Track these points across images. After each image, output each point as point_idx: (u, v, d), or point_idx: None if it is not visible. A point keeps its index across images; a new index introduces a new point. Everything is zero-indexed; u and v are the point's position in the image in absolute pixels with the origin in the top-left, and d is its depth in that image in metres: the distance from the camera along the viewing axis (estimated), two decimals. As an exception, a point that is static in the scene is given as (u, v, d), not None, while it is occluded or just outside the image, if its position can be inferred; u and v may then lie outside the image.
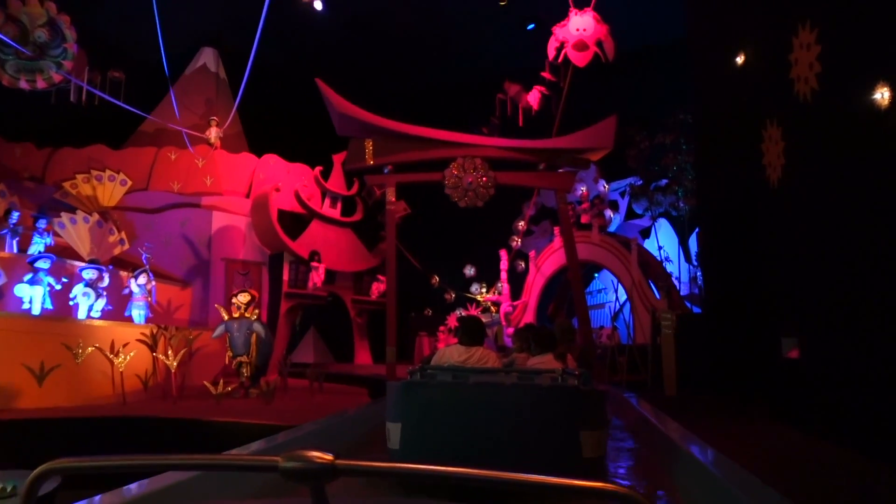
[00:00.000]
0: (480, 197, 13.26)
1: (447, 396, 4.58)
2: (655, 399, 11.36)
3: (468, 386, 4.66)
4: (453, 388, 4.67)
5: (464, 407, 4.49)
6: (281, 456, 1.19)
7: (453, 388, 4.68)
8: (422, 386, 4.76)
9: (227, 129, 21.39)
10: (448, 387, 4.71)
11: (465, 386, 4.66)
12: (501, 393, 4.58)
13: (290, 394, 13.38)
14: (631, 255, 17.25)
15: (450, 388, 4.68)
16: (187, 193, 18.76)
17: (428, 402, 4.61)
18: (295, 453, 1.19)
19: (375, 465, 1.24)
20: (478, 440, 4.35)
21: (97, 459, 1.28)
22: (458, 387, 4.67)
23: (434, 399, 4.60)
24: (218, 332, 12.47)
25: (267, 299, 18.86)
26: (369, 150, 13.18)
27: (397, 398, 4.76)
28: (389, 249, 13.60)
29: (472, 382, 4.70)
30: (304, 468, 1.17)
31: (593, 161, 14.17)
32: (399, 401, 4.73)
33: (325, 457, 1.17)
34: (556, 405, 4.53)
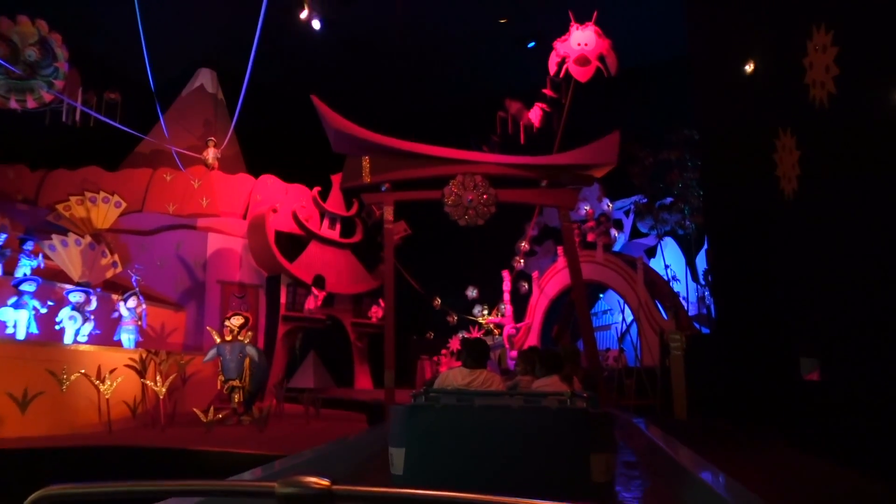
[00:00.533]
0: (481, 215, 12.85)
1: (452, 420, 4.52)
2: (665, 423, 10.92)
3: (474, 409, 4.58)
4: (459, 412, 4.59)
5: (470, 431, 4.44)
6: (277, 482, 1.19)
7: (459, 411, 4.60)
8: (426, 409, 4.64)
9: (224, 150, 21.12)
10: (453, 410, 4.62)
11: (471, 409, 4.58)
12: (509, 416, 4.50)
13: (286, 420, 12.90)
14: (637, 275, 16.81)
15: (455, 412, 4.60)
16: (183, 215, 18.41)
17: (433, 427, 4.53)
18: (291, 479, 1.18)
19: (374, 490, 1.23)
20: (485, 464, 4.29)
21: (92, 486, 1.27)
22: (464, 410, 4.59)
23: (439, 423, 4.53)
24: (210, 355, 12.02)
25: (264, 323, 18.43)
26: (366, 168, 12.81)
27: (401, 422, 4.66)
28: (387, 270, 13.18)
29: (479, 405, 4.62)
30: (300, 493, 1.17)
31: (597, 178, 13.78)
32: (403, 425, 4.63)
33: (322, 482, 1.17)
34: (565, 428, 4.47)
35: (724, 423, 11.07)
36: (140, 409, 12.05)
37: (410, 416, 4.63)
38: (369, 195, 13.14)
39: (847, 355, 6.62)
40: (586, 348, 12.95)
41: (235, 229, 18.53)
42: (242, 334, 12.19)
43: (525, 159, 13.55)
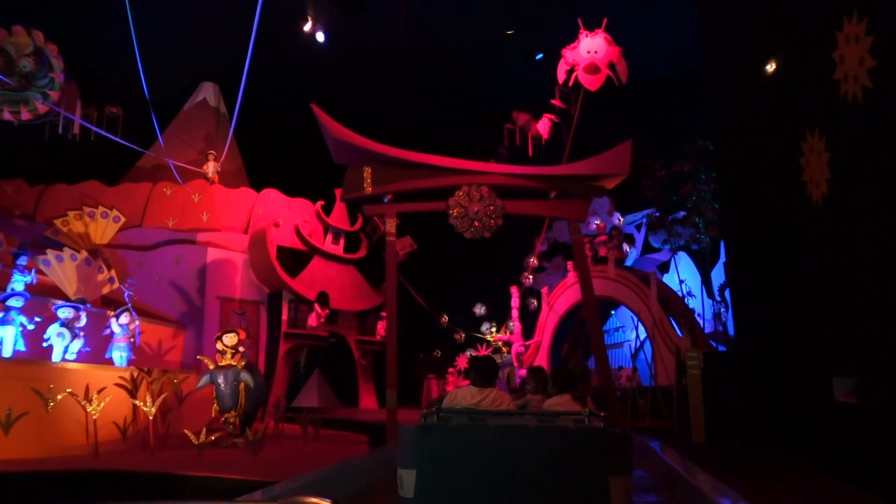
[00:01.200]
0: (487, 227, 12.31)
1: (466, 441, 4.39)
2: (681, 446, 10.30)
3: (489, 429, 4.43)
4: (473, 432, 4.44)
5: (484, 452, 4.31)
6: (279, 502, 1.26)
7: (473, 431, 4.46)
8: (438, 430, 4.50)
9: (227, 164, 20.75)
10: (467, 430, 4.48)
11: (486, 429, 4.43)
12: (525, 436, 4.35)
13: (283, 442, 12.32)
14: (650, 291, 16.20)
15: (469, 432, 4.45)
16: (182, 230, 17.97)
17: (445, 447, 4.40)
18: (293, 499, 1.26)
19: None
20: (499, 487, 4.19)
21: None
22: (478, 430, 4.44)
23: (452, 443, 4.39)
24: (202, 383, 11.45)
25: (265, 340, 17.92)
26: (367, 179, 12.31)
27: (411, 443, 4.53)
28: (390, 284, 12.63)
29: (493, 425, 4.47)
30: None
31: (608, 189, 13.22)
32: (413, 446, 4.50)
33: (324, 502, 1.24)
34: (583, 449, 4.32)
35: (746, 448, 10.43)
36: (131, 431, 11.51)
37: (421, 437, 4.48)
38: (371, 207, 12.63)
39: (889, 374, 6.01)
40: (598, 367, 12.34)
41: (236, 244, 18.07)
42: (236, 359, 11.62)
43: (533, 169, 13.03)
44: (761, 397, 10.45)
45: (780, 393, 9.72)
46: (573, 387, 5.87)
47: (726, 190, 12.08)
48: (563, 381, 5.84)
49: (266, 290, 18.15)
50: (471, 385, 5.45)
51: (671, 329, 15.63)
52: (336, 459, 9.75)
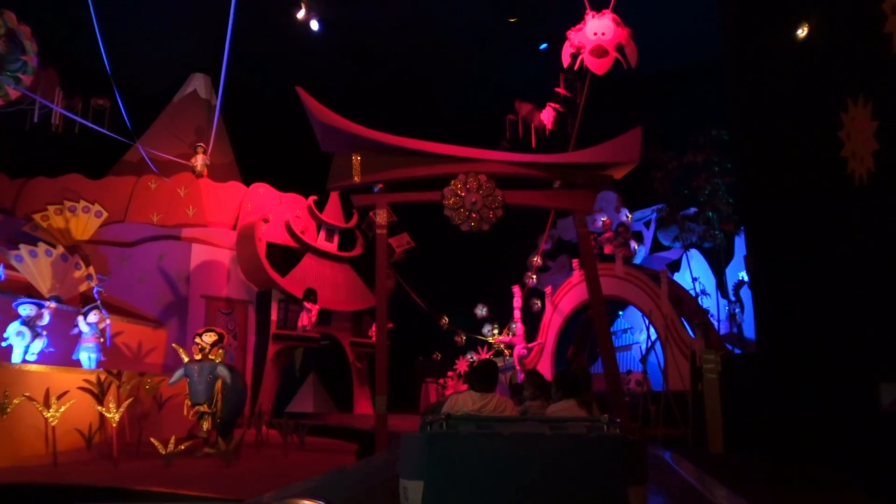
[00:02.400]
0: (486, 219, 11.37)
1: (479, 449, 4.15)
2: (698, 458, 9.39)
3: (504, 437, 4.20)
4: (486, 440, 4.21)
5: (498, 461, 4.08)
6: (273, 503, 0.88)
7: (486, 439, 4.22)
8: (449, 438, 4.25)
9: (218, 158, 19.90)
10: (480, 439, 4.25)
11: (501, 437, 4.21)
12: (542, 445, 4.14)
13: (265, 451, 11.37)
14: (661, 290, 15.22)
15: (482, 440, 4.22)
16: (168, 225, 17.07)
17: (456, 457, 4.16)
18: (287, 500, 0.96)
19: None
20: (514, 499, 3.99)
21: None
22: (493, 439, 4.22)
23: (463, 453, 4.15)
24: (176, 377, 10.53)
25: (253, 341, 17.00)
26: (356, 167, 11.40)
27: (418, 452, 4.27)
28: (379, 280, 11.69)
29: (509, 434, 4.23)
30: None
31: (616, 178, 12.27)
32: (421, 455, 4.23)
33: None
34: (604, 458, 4.13)
35: (770, 461, 9.47)
36: (98, 439, 10.57)
37: (430, 445, 4.22)
38: (360, 197, 11.71)
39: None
40: (607, 370, 11.38)
41: (224, 240, 17.16)
42: (214, 352, 10.69)
43: (536, 157, 12.13)
44: (788, 404, 9.51)
45: (813, 399, 8.82)
46: (578, 391, 5.56)
47: (746, 177, 11.13)
48: (567, 386, 5.53)
49: (255, 289, 17.24)
50: (471, 390, 5.23)
51: (683, 330, 14.64)
52: (319, 471, 8.90)
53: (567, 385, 5.55)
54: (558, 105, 16.15)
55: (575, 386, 5.57)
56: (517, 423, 4.72)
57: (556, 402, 5.53)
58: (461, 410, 5.10)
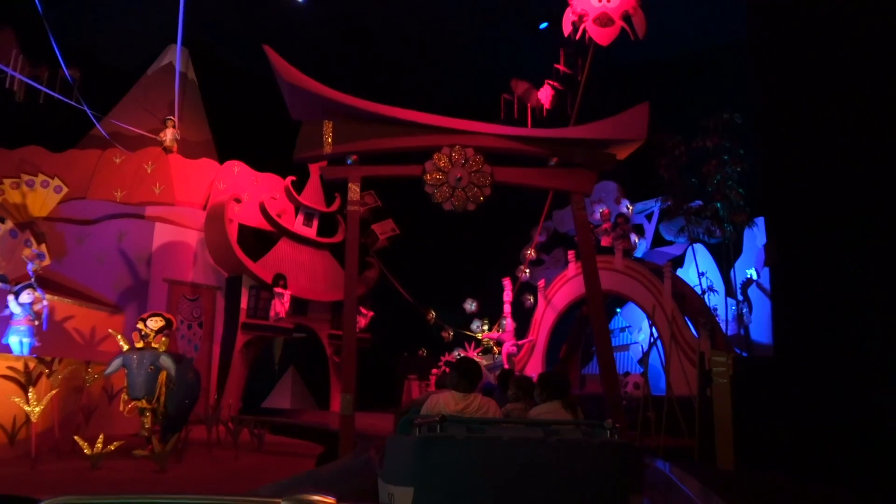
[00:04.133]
0: (472, 198, 10.08)
1: (477, 455, 3.88)
2: (704, 474, 8.17)
3: (503, 442, 3.94)
4: (485, 445, 3.93)
5: (497, 468, 3.85)
6: (283, 498, 1.23)
7: (485, 444, 3.94)
8: (444, 442, 3.94)
9: (193, 135, 18.66)
10: (478, 443, 3.95)
11: (500, 442, 3.95)
12: (545, 451, 3.91)
13: (217, 454, 10.09)
14: (664, 285, 13.96)
15: (481, 445, 3.93)
16: (132, 203, 15.77)
17: (451, 463, 3.86)
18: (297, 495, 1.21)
19: None
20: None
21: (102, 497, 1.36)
22: (491, 444, 3.94)
23: (460, 458, 3.87)
24: (112, 367, 9.20)
25: (221, 331, 15.71)
26: (328, 135, 10.10)
27: (408, 456, 4.04)
28: (349, 263, 10.37)
29: (509, 438, 3.99)
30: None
31: (619, 159, 10.98)
32: (412, 460, 3.99)
33: (328, 499, 1.22)
34: (609, 465, 3.98)
35: (789, 480, 8.23)
36: (23, 434, 9.27)
37: (423, 450, 3.98)
38: (330, 169, 10.41)
39: None
40: (603, 372, 10.12)
41: (192, 221, 15.87)
42: (157, 340, 9.37)
43: (532, 132, 10.88)
44: (811, 415, 8.28)
45: (839, 411, 7.64)
46: (564, 393, 5.24)
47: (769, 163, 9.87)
48: (552, 387, 5.24)
49: (224, 274, 15.95)
50: (453, 390, 4.97)
51: (687, 330, 13.39)
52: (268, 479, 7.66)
53: (552, 386, 5.26)
54: (557, 83, 14.92)
55: (560, 387, 5.27)
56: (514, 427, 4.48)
57: (541, 405, 5.22)
58: (442, 411, 4.75)
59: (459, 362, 5.35)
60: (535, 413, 5.16)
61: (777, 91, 9.63)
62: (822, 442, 8.07)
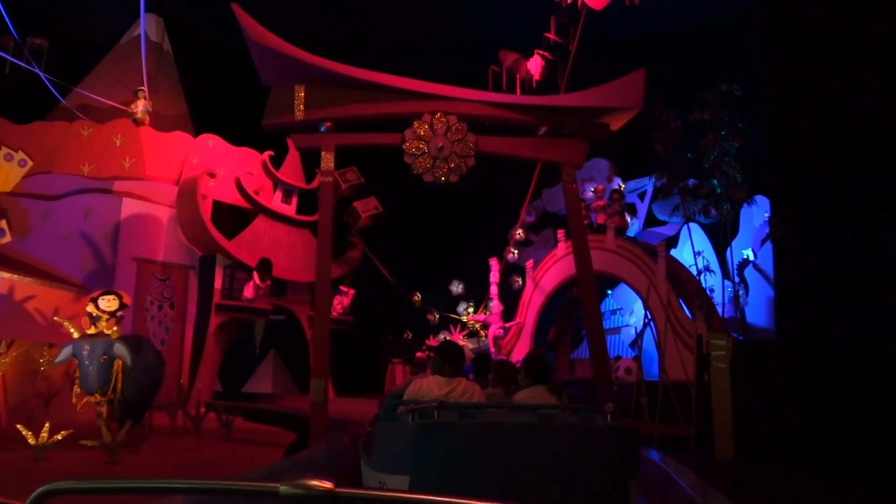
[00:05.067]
0: (455, 170, 9.37)
1: (477, 442, 3.72)
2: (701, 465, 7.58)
3: (506, 427, 3.80)
4: (485, 432, 3.76)
5: (497, 455, 3.69)
6: (281, 482, 1.19)
7: (485, 431, 3.77)
8: (443, 429, 3.74)
9: (169, 109, 17.84)
10: (479, 429, 3.76)
11: (502, 427, 3.80)
12: (546, 436, 3.78)
13: (179, 442, 9.41)
14: (658, 266, 13.33)
15: (481, 432, 3.75)
16: (100, 178, 14.96)
17: (450, 450, 3.72)
18: (295, 480, 1.18)
19: (378, 493, 1.23)
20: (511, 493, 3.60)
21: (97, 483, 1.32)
22: (492, 430, 3.78)
23: (459, 446, 3.71)
24: (62, 356, 8.40)
25: (194, 312, 14.98)
26: (300, 101, 9.35)
27: (404, 444, 3.87)
28: (322, 238, 9.61)
29: (511, 424, 3.86)
30: (304, 494, 1.18)
31: (613, 130, 10.29)
32: (409, 448, 3.84)
33: (326, 484, 1.17)
34: (611, 449, 3.85)
35: (792, 473, 7.64)
36: (-31, 422, 8.57)
37: (421, 437, 3.75)
38: (302, 137, 9.65)
39: None
40: (594, 355, 9.48)
41: (163, 196, 15.09)
42: (109, 325, 8.61)
43: (520, 99, 10.17)
44: (816, 403, 7.69)
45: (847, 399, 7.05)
46: (549, 378, 5.19)
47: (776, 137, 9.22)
48: (537, 371, 5.11)
49: (198, 253, 15.20)
50: (438, 375, 4.84)
51: (682, 312, 12.77)
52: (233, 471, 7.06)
53: (537, 370, 5.09)
54: (547, 53, 14.18)
55: (545, 371, 5.14)
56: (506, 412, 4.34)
57: (525, 389, 5.09)
58: (427, 395, 4.65)
59: (443, 346, 5.16)
60: (521, 398, 5.02)
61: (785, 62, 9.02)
62: (828, 432, 7.51)
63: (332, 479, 1.17)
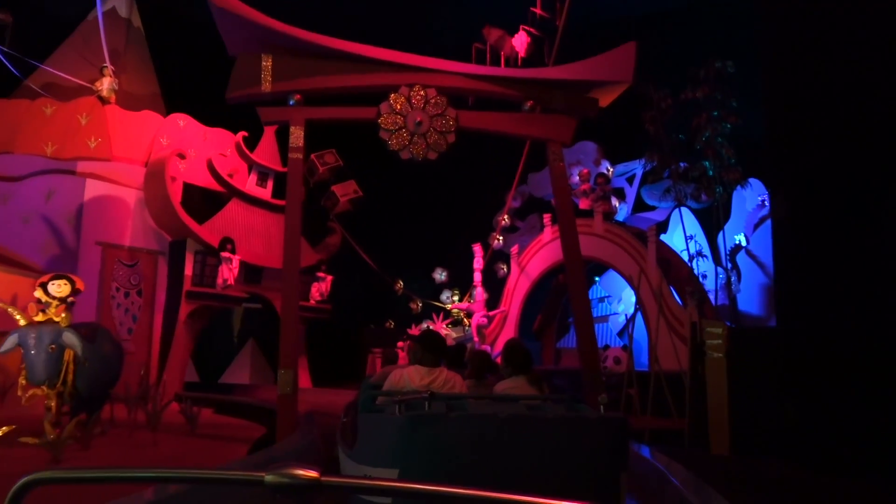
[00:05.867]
0: (434, 146, 8.76)
1: (469, 434, 3.64)
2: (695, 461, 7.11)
3: (497, 419, 3.70)
4: (478, 423, 3.68)
5: (489, 447, 3.63)
6: (267, 471, 1.19)
7: (478, 422, 3.69)
8: (435, 421, 3.65)
9: (139, 88, 17.05)
10: (471, 422, 3.68)
11: (494, 419, 3.70)
12: (541, 428, 3.71)
13: (137, 437, 8.76)
14: (647, 251, 12.79)
15: (473, 424, 3.67)
16: (63, 158, 14.20)
17: (442, 442, 3.61)
18: (281, 469, 1.18)
19: (363, 481, 1.23)
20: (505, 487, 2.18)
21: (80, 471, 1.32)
22: (485, 421, 3.69)
23: (452, 437, 3.61)
24: (6, 345, 7.71)
25: (164, 300, 14.29)
26: (267, 72, 8.70)
27: (393, 436, 3.76)
28: (290, 215, 8.96)
29: (504, 415, 3.74)
30: (289, 483, 1.17)
31: (602, 106, 9.71)
32: (397, 440, 3.72)
33: (311, 472, 1.17)
34: (603, 442, 3.80)
35: (794, 469, 7.14)
36: None
37: (412, 429, 3.62)
38: (269, 111, 8.99)
39: None
40: (582, 344, 8.92)
41: (130, 178, 14.35)
42: (58, 311, 7.94)
43: (504, 71, 9.55)
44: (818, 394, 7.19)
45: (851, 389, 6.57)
46: (529, 367, 5.13)
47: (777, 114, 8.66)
48: (518, 361, 5.09)
49: (167, 238, 14.50)
50: (418, 365, 4.82)
51: (672, 299, 12.26)
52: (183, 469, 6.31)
53: (517, 360, 5.06)
54: (533, 29, 13.54)
55: (526, 361, 5.10)
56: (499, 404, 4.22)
57: (506, 379, 5.05)
58: (408, 386, 4.65)
59: (422, 336, 5.17)
60: (501, 388, 4.95)
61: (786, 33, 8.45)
62: (831, 425, 7.00)
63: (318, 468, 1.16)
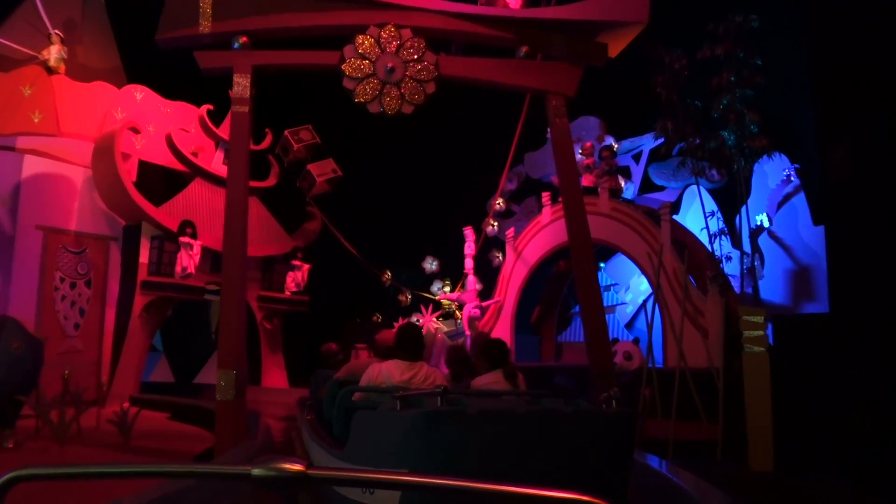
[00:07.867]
0: (409, 98, 7.22)
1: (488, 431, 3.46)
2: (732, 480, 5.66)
3: (518, 416, 3.59)
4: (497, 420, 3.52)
5: (507, 444, 3.46)
6: (253, 465, 1.19)
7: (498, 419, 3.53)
8: (451, 418, 3.41)
9: (99, 62, 15.48)
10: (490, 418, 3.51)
11: (515, 416, 3.58)
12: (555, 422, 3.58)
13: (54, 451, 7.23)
14: (661, 232, 11.27)
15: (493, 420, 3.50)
16: (3, 134, 12.64)
17: (457, 441, 3.40)
18: (267, 462, 1.18)
19: (350, 474, 1.22)
20: None
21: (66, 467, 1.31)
22: (504, 417, 3.55)
23: (468, 435, 3.41)
24: None
25: (117, 290, 12.76)
26: (206, 8, 7.16)
27: (403, 435, 3.53)
28: (233, 179, 7.36)
29: (524, 412, 3.65)
30: (276, 476, 1.16)
31: (611, 56, 8.18)
32: (413, 440, 3.46)
33: (297, 466, 1.16)
34: (617, 437, 3.70)
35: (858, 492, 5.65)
36: None
37: (429, 427, 3.36)
38: (209, 55, 7.43)
39: None
40: (590, 337, 7.37)
41: (77, 156, 12.80)
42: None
43: (495, 10, 8.00)
44: (879, 395, 5.69)
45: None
46: (505, 361, 4.96)
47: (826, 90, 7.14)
48: (495, 356, 4.96)
49: (121, 223, 12.96)
50: (397, 359, 4.71)
51: (691, 286, 10.73)
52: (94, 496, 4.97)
53: (495, 355, 4.96)
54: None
55: (502, 356, 4.98)
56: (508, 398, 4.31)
57: (484, 374, 4.92)
58: (388, 381, 4.60)
59: (400, 330, 5.02)
60: (480, 383, 4.89)
61: None
62: None
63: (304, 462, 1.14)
